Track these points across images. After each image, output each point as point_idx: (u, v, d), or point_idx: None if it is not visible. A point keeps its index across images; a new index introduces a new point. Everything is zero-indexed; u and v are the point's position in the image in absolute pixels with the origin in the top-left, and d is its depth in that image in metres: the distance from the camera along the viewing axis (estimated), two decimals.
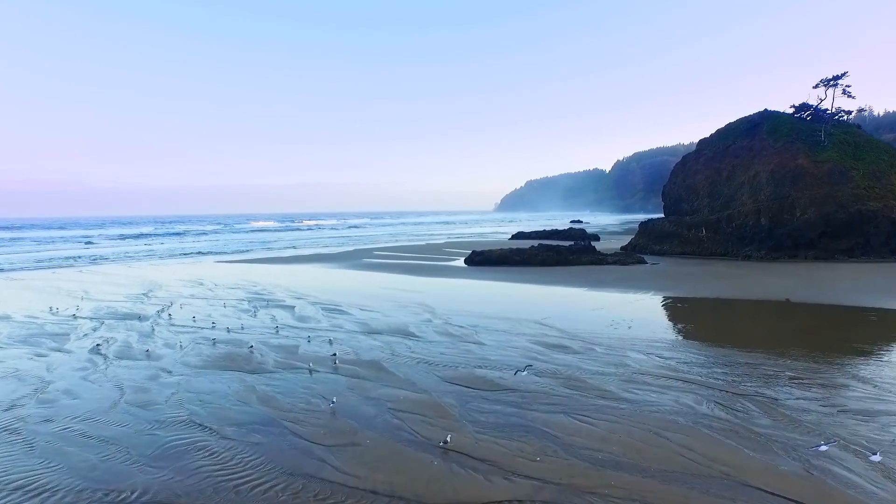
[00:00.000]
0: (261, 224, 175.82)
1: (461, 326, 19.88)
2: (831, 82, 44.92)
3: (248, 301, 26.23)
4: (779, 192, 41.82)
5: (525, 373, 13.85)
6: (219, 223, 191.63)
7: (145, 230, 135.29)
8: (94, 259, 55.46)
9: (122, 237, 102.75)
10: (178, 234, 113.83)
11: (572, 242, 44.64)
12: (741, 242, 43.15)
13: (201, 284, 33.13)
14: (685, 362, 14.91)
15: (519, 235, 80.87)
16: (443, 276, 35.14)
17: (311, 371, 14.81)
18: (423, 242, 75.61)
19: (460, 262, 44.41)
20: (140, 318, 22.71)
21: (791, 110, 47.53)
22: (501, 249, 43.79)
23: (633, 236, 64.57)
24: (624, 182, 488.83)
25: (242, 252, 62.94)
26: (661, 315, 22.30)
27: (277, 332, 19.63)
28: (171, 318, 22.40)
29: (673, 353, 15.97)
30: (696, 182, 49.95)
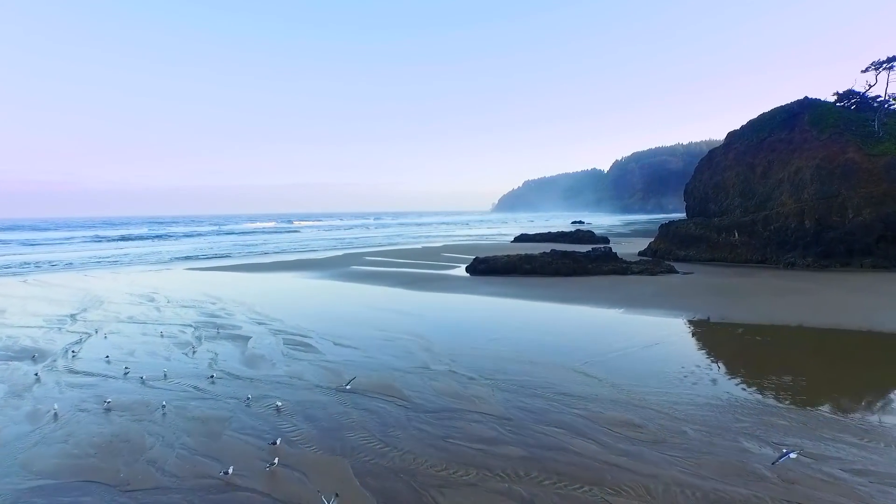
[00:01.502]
0: (254, 225, 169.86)
1: (471, 378, 14.21)
2: (884, 65, 39.54)
3: (195, 328, 20.60)
4: (826, 191, 36.45)
5: None
6: (214, 224, 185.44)
7: (133, 231, 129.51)
8: (52, 265, 49.68)
9: (98, 239, 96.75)
10: (159, 236, 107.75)
11: (590, 248, 39.09)
12: (781, 248, 37.74)
13: (151, 301, 27.48)
14: (859, 469, 9.02)
15: (522, 238, 75.41)
16: (441, 289, 29.60)
17: (226, 483, 9.05)
18: (419, 246, 70.02)
19: (461, 271, 38.90)
20: (35, 357, 17.05)
21: (833, 98, 42.24)
22: (509, 256, 38.26)
23: (642, 238, 59.05)
24: (623, 182, 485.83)
25: (222, 257, 57.17)
26: (747, 357, 16.12)
27: (212, 382, 14.08)
28: (75, 358, 16.72)
29: (822, 443, 9.98)
30: (726, 179, 44.52)
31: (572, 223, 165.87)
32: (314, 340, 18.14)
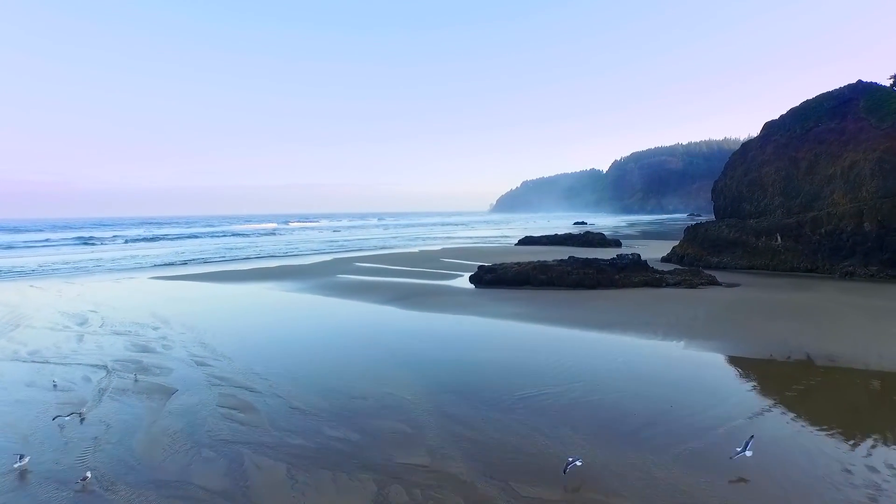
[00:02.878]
0: (246, 227, 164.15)
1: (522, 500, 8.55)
2: None
3: (109, 372, 15.06)
4: (891, 187, 31.30)
5: None
6: (207, 225, 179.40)
7: (119, 233, 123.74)
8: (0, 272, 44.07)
9: (80, 242, 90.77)
10: (147, 238, 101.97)
11: (614, 255, 33.87)
12: (835, 254, 32.53)
13: (81, 324, 21.95)
14: None
15: (527, 241, 70.12)
16: (443, 308, 24.14)
17: None
18: (416, 249, 64.61)
19: (464, 281, 33.54)
20: None
21: (889, 82, 37.15)
22: (519, 265, 32.90)
23: (654, 240, 51.87)
24: (622, 182, 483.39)
25: (200, 263, 51.63)
26: None
27: (79, 490, 8.72)
28: None
29: None
30: (763, 176, 39.29)
31: (574, 224, 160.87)
32: (263, 399, 12.61)
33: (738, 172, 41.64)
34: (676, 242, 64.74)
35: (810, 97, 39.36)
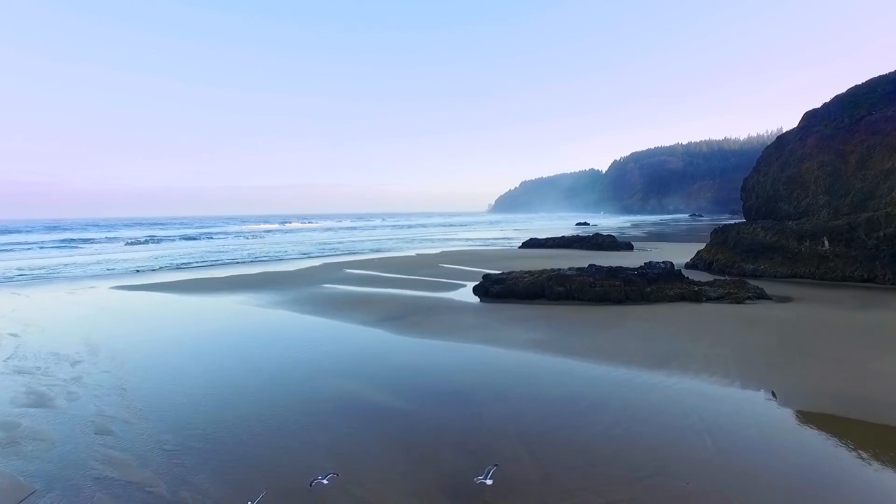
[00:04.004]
0: (239, 228, 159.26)
1: None
2: None
3: None
4: None
5: None
6: (201, 226, 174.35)
7: (105, 235, 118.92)
8: None
9: (62, 244, 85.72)
10: (117, 241, 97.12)
11: (645, 265, 29.40)
12: None
13: None
14: None
15: (531, 243, 65.60)
16: (442, 331, 19.52)
17: None
18: (412, 253, 60.03)
19: (467, 292, 29.00)
20: None
21: None
22: (531, 274, 28.34)
23: (665, 242, 47.36)
24: (622, 182, 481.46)
25: (174, 269, 47.01)
26: None
27: None
28: None
29: None
30: (804, 172, 34.80)
31: (577, 224, 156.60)
32: None
33: (773, 168, 37.14)
34: (691, 245, 60.44)
35: (859, 82, 34.93)
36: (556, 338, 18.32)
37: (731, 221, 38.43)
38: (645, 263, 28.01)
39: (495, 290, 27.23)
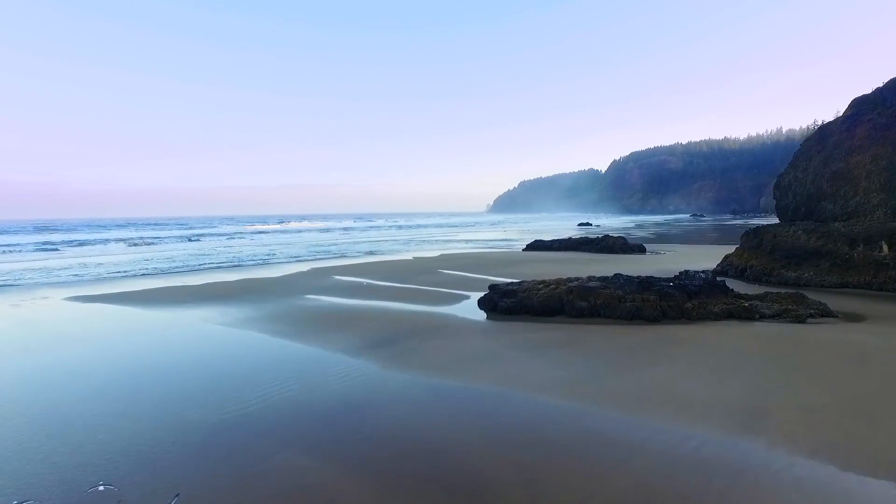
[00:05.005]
0: (232, 229, 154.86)
1: None
2: None
3: None
4: None
5: None
6: (195, 227, 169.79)
7: (92, 237, 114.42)
8: None
9: (43, 247, 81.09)
10: (85, 243, 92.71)
11: (681, 274, 25.39)
12: None
13: None
14: None
15: (537, 245, 61.60)
16: (443, 362, 15.41)
17: None
18: (409, 256, 55.91)
19: (472, 306, 24.86)
20: None
21: None
22: (545, 284, 24.20)
23: (677, 244, 44.64)
24: (621, 182, 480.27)
25: (150, 275, 42.81)
26: None
27: None
28: None
29: None
30: (853, 167, 30.77)
31: (579, 225, 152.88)
32: None
33: (814, 163, 33.08)
34: (706, 248, 56.37)
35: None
36: (589, 375, 14.20)
37: (764, 222, 34.43)
38: (681, 273, 23.93)
39: (505, 304, 23.12)
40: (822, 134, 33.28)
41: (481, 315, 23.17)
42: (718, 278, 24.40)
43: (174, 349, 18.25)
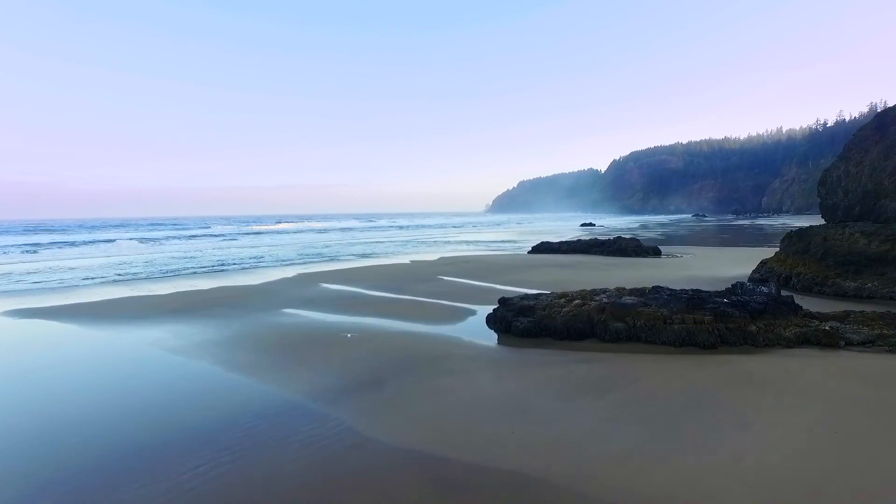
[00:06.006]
0: (225, 229, 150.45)
1: None
2: None
3: None
4: None
5: None
6: (189, 227, 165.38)
7: (81, 238, 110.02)
8: None
9: (29, 248, 76.73)
10: (74, 244, 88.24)
11: (735, 286, 21.20)
12: None
13: None
14: None
15: (543, 247, 57.47)
16: (449, 420, 11.07)
17: None
18: (406, 259, 51.65)
19: (479, 325, 20.55)
20: None
21: None
22: (567, 299, 19.94)
23: (690, 247, 40.78)
24: (622, 182, 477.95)
25: (117, 282, 38.60)
26: None
27: None
28: None
29: None
30: None
31: (582, 225, 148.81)
32: None
33: (871, 156, 28.84)
34: (725, 250, 52.08)
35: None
36: (656, 442, 9.94)
37: (808, 224, 30.24)
38: (734, 285, 19.64)
39: (521, 324, 18.85)
40: (882, 121, 29.02)
41: (492, 337, 18.94)
42: (757, 286, 20.04)
43: (92, 389, 13.90)
